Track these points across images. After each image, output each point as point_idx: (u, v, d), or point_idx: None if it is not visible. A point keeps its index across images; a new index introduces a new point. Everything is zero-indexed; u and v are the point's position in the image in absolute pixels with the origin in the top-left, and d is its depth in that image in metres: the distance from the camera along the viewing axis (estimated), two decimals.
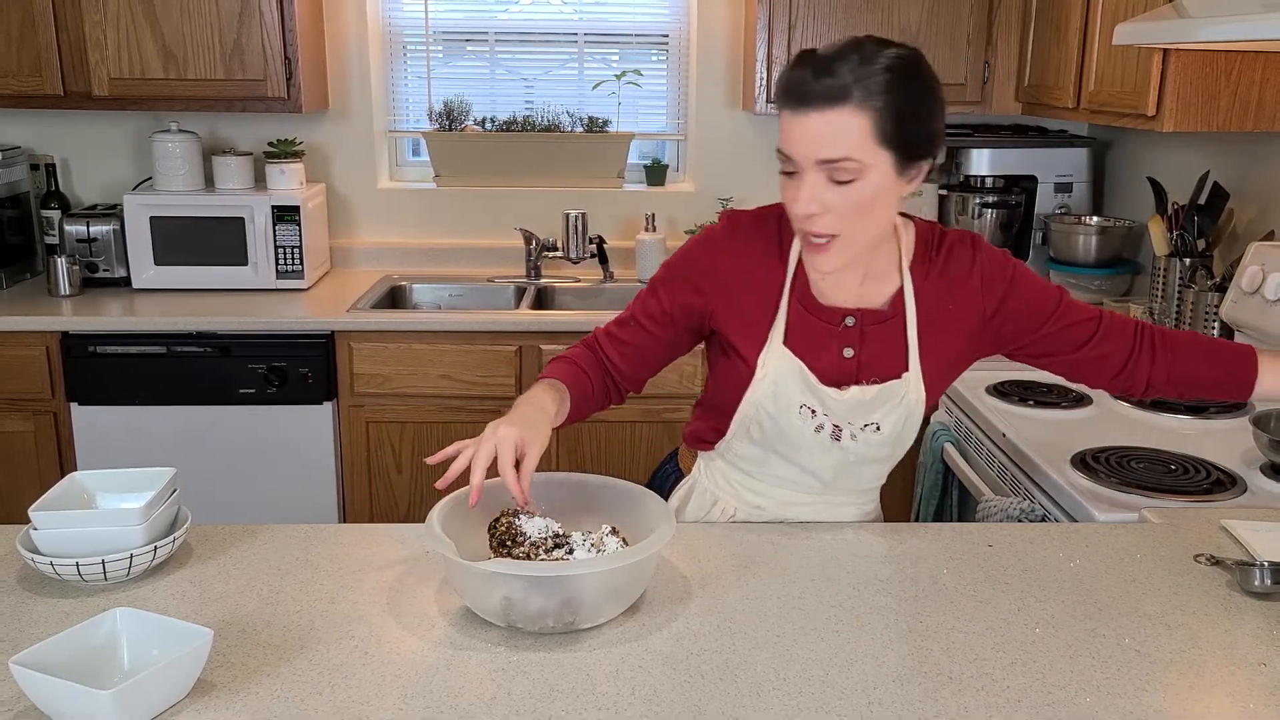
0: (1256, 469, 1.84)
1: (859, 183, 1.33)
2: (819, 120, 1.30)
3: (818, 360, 1.49)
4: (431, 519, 1.31)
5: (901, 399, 1.50)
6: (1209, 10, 1.91)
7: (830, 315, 1.50)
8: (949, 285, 1.51)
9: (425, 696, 1.12)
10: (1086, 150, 3.29)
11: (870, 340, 1.50)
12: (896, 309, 1.50)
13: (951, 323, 1.52)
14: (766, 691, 1.13)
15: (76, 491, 1.44)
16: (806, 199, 1.34)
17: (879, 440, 1.53)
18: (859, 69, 1.30)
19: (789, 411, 1.50)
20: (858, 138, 1.31)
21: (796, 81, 1.32)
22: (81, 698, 1.02)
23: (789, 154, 1.34)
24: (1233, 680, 1.17)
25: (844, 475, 1.58)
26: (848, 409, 1.50)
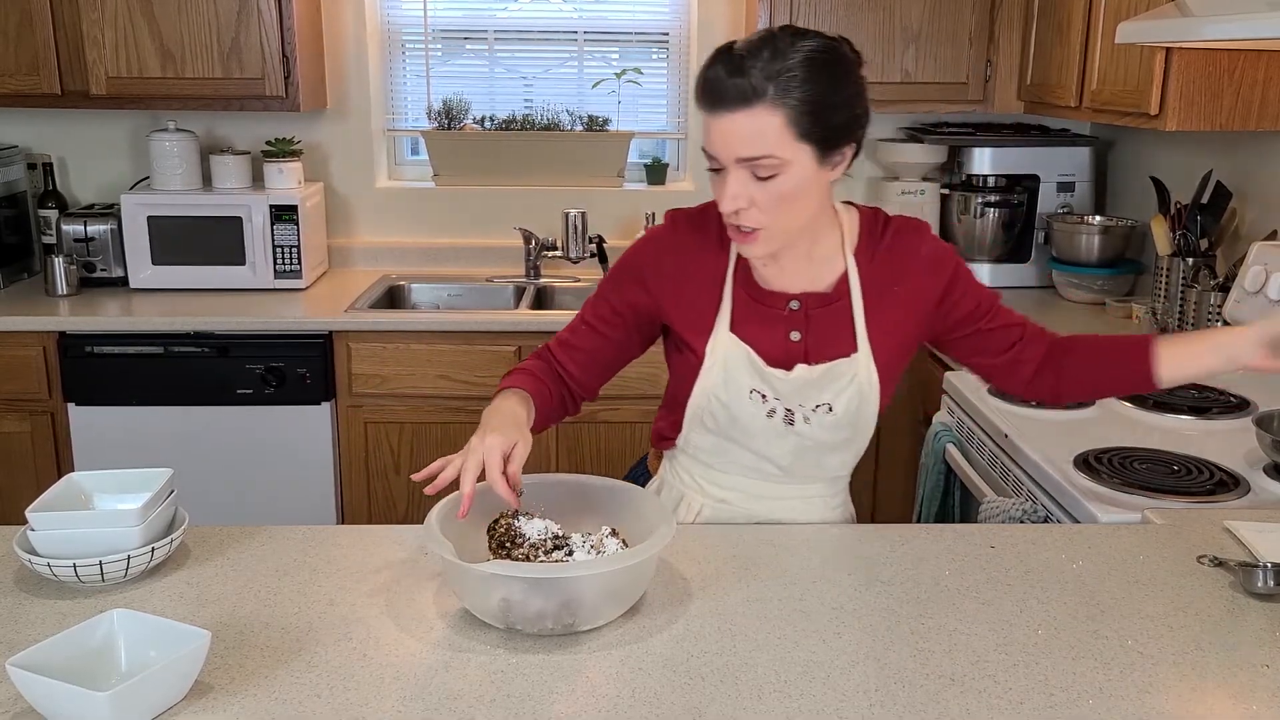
0: (1259, 470, 1.84)
1: (780, 177, 1.36)
2: (735, 120, 1.34)
3: (765, 345, 1.52)
4: (430, 520, 1.30)
5: (852, 378, 1.52)
6: (1212, 9, 1.90)
7: (774, 300, 1.53)
8: (895, 269, 1.54)
9: (424, 698, 1.11)
10: (1089, 149, 3.29)
11: (816, 323, 1.53)
12: (841, 292, 1.53)
13: (899, 305, 1.54)
14: (767, 693, 1.13)
15: (73, 492, 1.44)
16: (731, 195, 1.38)
17: (833, 422, 1.54)
18: (770, 65, 1.32)
19: (740, 397, 1.52)
20: (774, 135, 1.33)
21: (711, 82, 1.35)
22: (78, 699, 1.02)
23: (709, 152, 1.39)
24: (1236, 682, 1.17)
25: (803, 462, 1.58)
26: (796, 390, 1.52)
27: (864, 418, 1.55)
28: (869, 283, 1.53)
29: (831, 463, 1.61)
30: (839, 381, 1.52)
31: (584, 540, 1.33)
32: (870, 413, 1.55)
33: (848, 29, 3.12)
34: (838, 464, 1.62)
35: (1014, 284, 3.33)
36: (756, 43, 1.34)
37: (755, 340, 1.52)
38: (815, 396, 1.52)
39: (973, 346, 1.60)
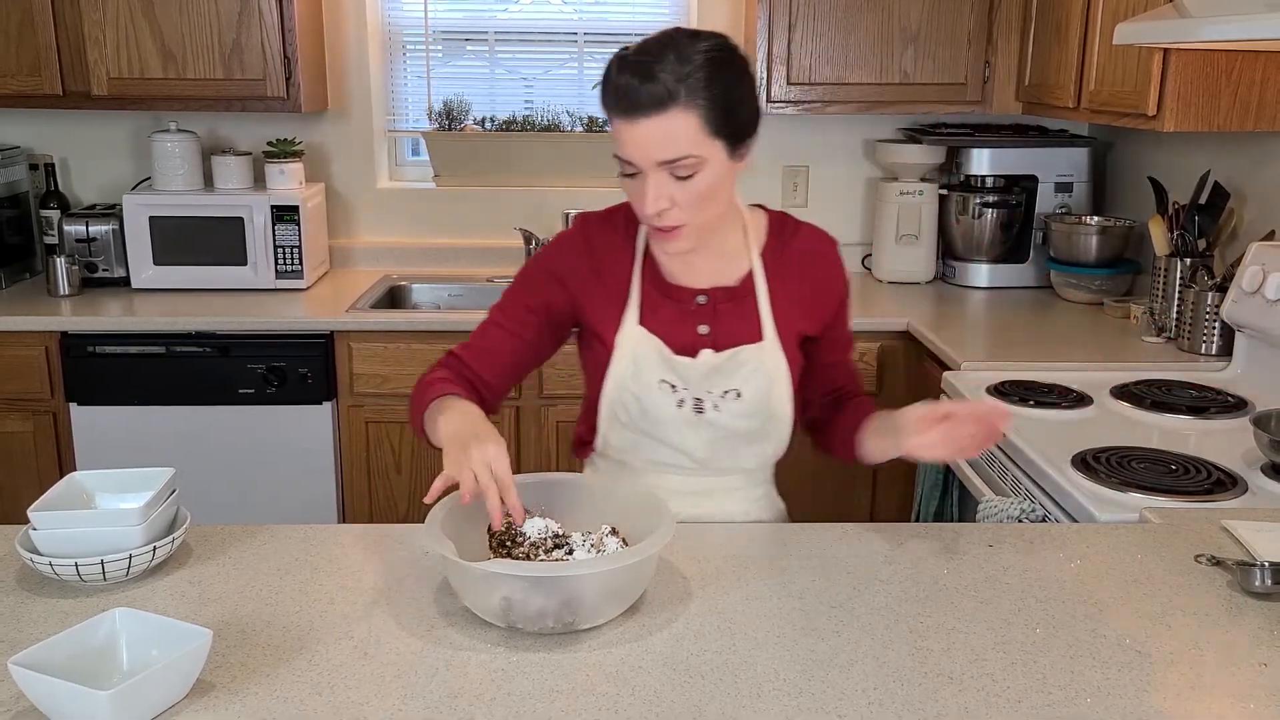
0: (1257, 469, 1.84)
1: (699, 175, 1.41)
2: (652, 125, 1.37)
3: (673, 337, 1.56)
4: (431, 519, 1.30)
5: (760, 364, 1.55)
6: (1210, 10, 1.91)
7: (682, 295, 1.57)
8: (803, 272, 1.60)
9: (425, 697, 1.12)
10: (1087, 150, 3.29)
11: (723, 316, 1.57)
12: (748, 288, 1.58)
13: (802, 304, 1.59)
14: (767, 692, 1.13)
15: (75, 492, 1.44)
16: (654, 198, 1.41)
17: (742, 409, 1.56)
18: (679, 69, 1.36)
19: (650, 388, 1.56)
20: (691, 135, 1.38)
21: (625, 91, 1.37)
22: (80, 698, 1.02)
23: (626, 158, 1.41)
24: (1233, 681, 1.17)
25: (718, 453, 1.60)
26: (703, 376, 1.55)
27: (774, 404, 1.57)
28: (775, 280, 1.58)
29: (748, 455, 1.63)
30: (746, 367, 1.55)
31: (584, 539, 1.33)
32: (781, 399, 1.58)
33: (847, 29, 3.13)
34: (754, 457, 1.64)
35: (1012, 284, 3.34)
36: (657, 47, 1.39)
37: (663, 332, 1.56)
38: (723, 383, 1.55)
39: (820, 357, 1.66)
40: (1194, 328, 2.56)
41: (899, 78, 3.17)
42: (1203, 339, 2.54)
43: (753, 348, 1.55)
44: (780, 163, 3.56)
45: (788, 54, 3.15)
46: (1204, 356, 2.53)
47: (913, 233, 3.36)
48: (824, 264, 1.62)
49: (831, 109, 3.21)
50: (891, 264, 3.41)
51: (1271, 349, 2.30)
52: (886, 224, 3.39)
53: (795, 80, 3.17)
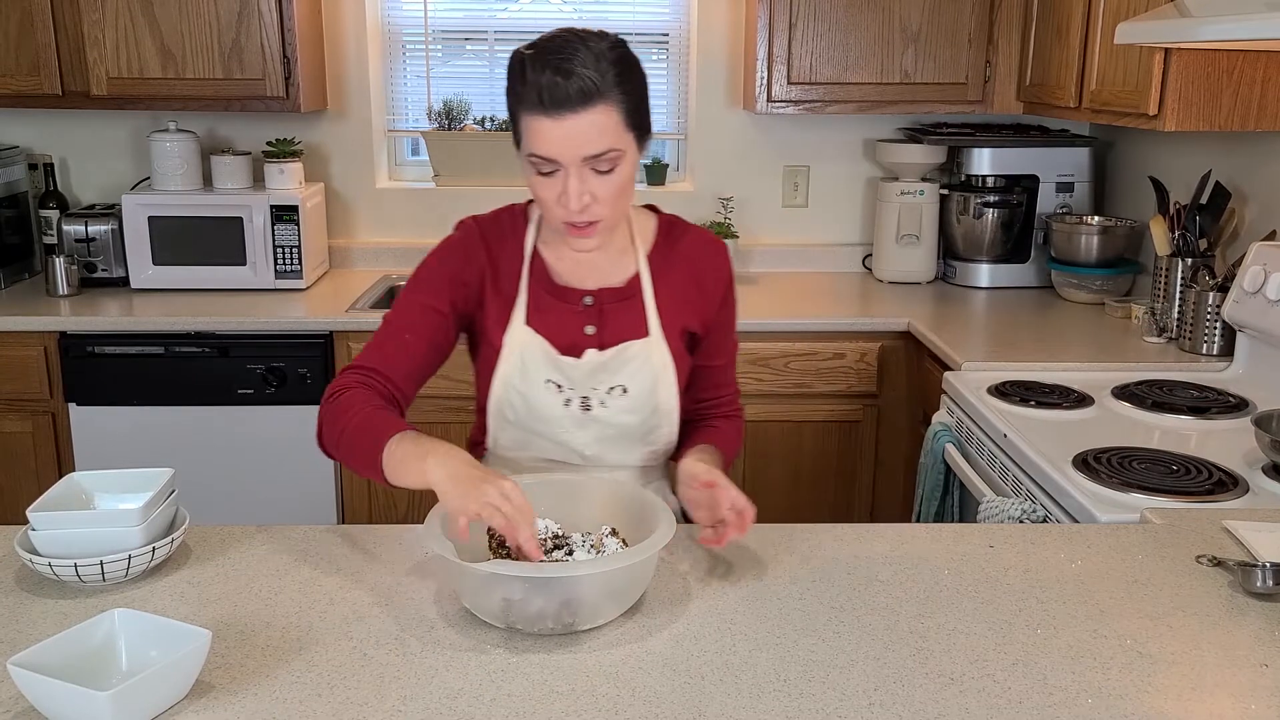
0: (1258, 469, 1.84)
1: (618, 168, 1.44)
2: (579, 121, 1.39)
3: (559, 337, 1.58)
4: (431, 520, 1.30)
5: (646, 360, 1.57)
6: (1211, 10, 1.91)
7: (569, 296, 1.59)
8: (688, 270, 1.62)
9: (424, 698, 1.11)
10: (1088, 150, 3.29)
11: (610, 317, 1.59)
12: (634, 287, 1.60)
13: (688, 302, 1.62)
14: (767, 693, 1.13)
15: (74, 492, 1.44)
16: (577, 193, 1.43)
17: (628, 405, 1.58)
18: (597, 65, 1.40)
19: (536, 387, 1.57)
20: (613, 129, 1.42)
21: (549, 88, 1.38)
22: (80, 699, 1.02)
23: (549, 156, 1.42)
24: (1235, 681, 1.17)
25: (605, 450, 1.62)
26: (587, 375, 1.57)
27: (661, 399, 1.59)
28: (661, 279, 1.61)
29: (636, 453, 1.64)
30: (632, 364, 1.57)
31: (584, 540, 1.33)
32: (667, 394, 1.59)
33: (848, 29, 3.13)
34: (643, 454, 1.65)
35: (1013, 284, 3.34)
36: (566, 46, 1.41)
37: (550, 333, 1.58)
38: (608, 380, 1.57)
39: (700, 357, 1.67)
40: (1195, 328, 2.55)
41: (900, 77, 3.17)
42: (1204, 339, 2.54)
43: (639, 343, 1.58)
44: (781, 163, 3.56)
45: (788, 54, 3.15)
46: (1205, 357, 2.53)
47: (913, 233, 3.36)
48: (709, 265, 1.64)
49: (832, 109, 3.21)
50: (892, 264, 3.41)
51: (1273, 349, 2.29)
52: (887, 224, 3.39)
53: (795, 80, 3.17)
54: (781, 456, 3.02)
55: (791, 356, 2.96)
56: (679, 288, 1.62)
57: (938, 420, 2.38)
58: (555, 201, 1.45)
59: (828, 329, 2.96)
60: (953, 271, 3.43)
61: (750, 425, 3.00)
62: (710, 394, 1.70)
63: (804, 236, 3.62)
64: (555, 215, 1.48)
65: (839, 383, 2.98)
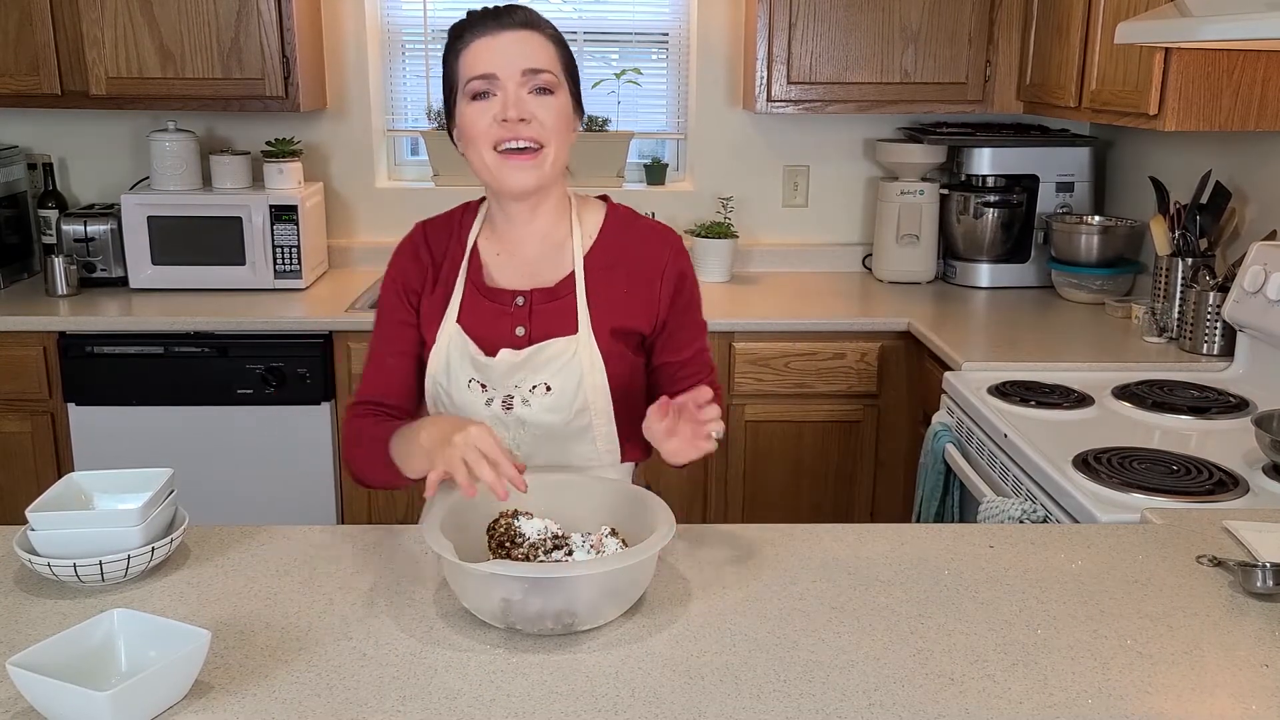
0: (1259, 469, 1.84)
1: (557, 95, 1.49)
2: (519, 37, 1.46)
3: (489, 338, 1.56)
4: (430, 520, 1.30)
5: (572, 356, 1.54)
6: (1211, 9, 1.91)
7: (501, 297, 1.58)
8: (630, 266, 1.59)
9: (424, 698, 1.11)
10: (1088, 149, 3.29)
11: (540, 316, 1.57)
12: (568, 286, 1.58)
13: (627, 299, 1.58)
14: (767, 693, 1.13)
15: (74, 492, 1.44)
16: (515, 103, 1.45)
17: (552, 403, 1.54)
18: (536, 18, 1.50)
19: (461, 387, 1.57)
20: (550, 57, 1.49)
21: (491, 15, 1.47)
22: (79, 699, 1.02)
23: (487, 72, 1.45)
24: (1235, 682, 1.17)
25: (536, 451, 1.58)
26: (505, 374, 1.55)
27: (588, 396, 1.55)
28: (597, 276, 1.58)
29: (573, 454, 1.60)
30: (555, 361, 1.54)
31: (584, 540, 1.33)
32: (595, 390, 1.55)
33: (848, 29, 3.13)
34: (581, 455, 1.60)
35: (1013, 284, 3.34)
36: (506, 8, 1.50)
37: (480, 333, 1.56)
38: (530, 378, 1.54)
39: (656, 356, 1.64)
40: (1195, 328, 2.55)
41: (899, 77, 3.17)
42: (1204, 339, 2.54)
43: (563, 340, 1.54)
44: (780, 163, 3.56)
45: (788, 53, 3.15)
46: (1205, 357, 2.53)
47: (913, 232, 3.36)
48: (654, 260, 1.59)
49: (832, 108, 3.21)
50: (892, 264, 3.41)
51: (1273, 349, 2.29)
52: (887, 224, 3.39)
53: (795, 80, 3.17)
54: (781, 456, 3.02)
55: (791, 356, 2.96)
56: (618, 286, 1.58)
57: (938, 420, 2.38)
58: (494, 123, 1.46)
59: (828, 329, 2.96)
60: (953, 271, 3.42)
61: (750, 425, 3.00)
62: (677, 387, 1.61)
63: (804, 236, 3.62)
64: (492, 139, 1.47)
65: (839, 383, 2.98)
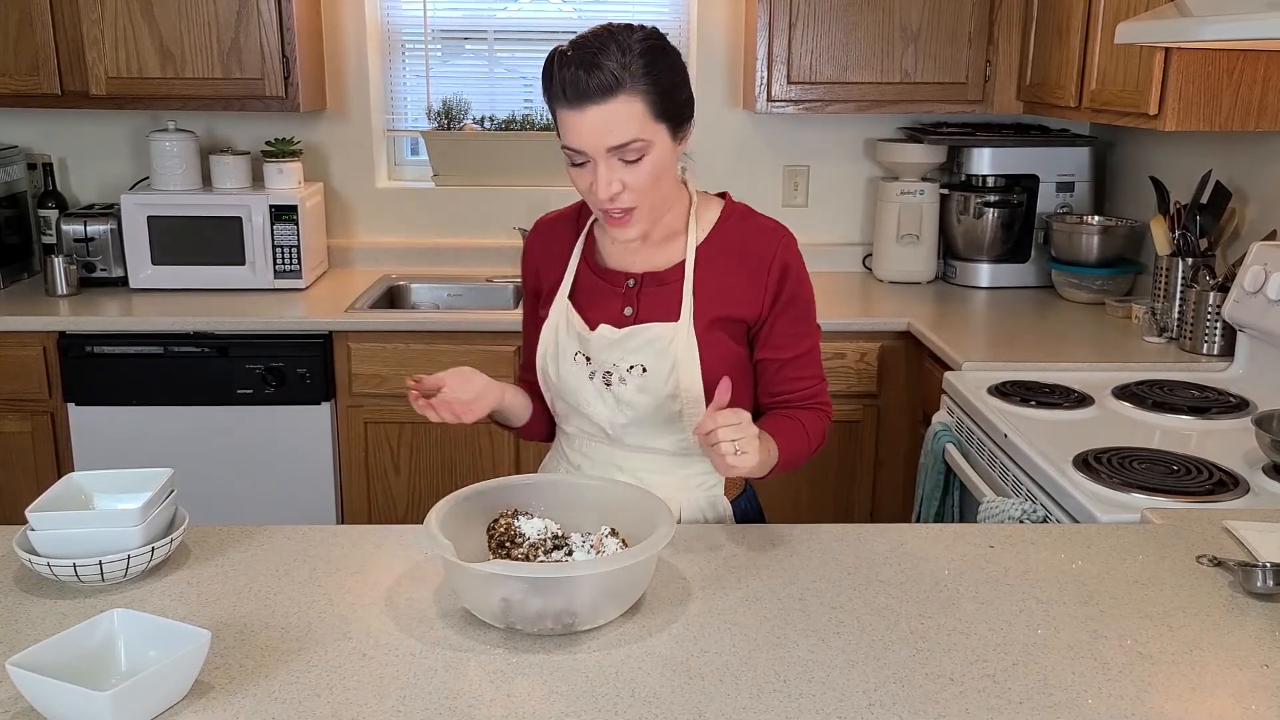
0: (1259, 470, 1.84)
1: (647, 158, 1.47)
2: (601, 113, 1.43)
3: (598, 317, 1.62)
4: (430, 520, 1.30)
5: (668, 343, 1.58)
6: (1211, 9, 1.91)
7: (613, 277, 1.64)
8: (741, 259, 1.62)
9: (424, 698, 1.11)
10: (1088, 149, 3.29)
11: (647, 300, 1.62)
12: (677, 274, 1.62)
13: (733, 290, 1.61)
14: (767, 693, 1.13)
15: (73, 492, 1.44)
16: (605, 183, 1.47)
17: (644, 385, 1.59)
18: (621, 58, 1.43)
19: (566, 359, 1.63)
20: (637, 119, 1.45)
21: (571, 82, 1.43)
22: (79, 699, 1.02)
23: (578, 148, 1.46)
24: (1235, 682, 1.17)
25: (630, 428, 1.62)
26: (604, 349, 1.60)
27: (683, 383, 1.58)
28: (706, 269, 1.61)
29: (664, 437, 1.62)
30: (653, 345, 1.58)
31: (584, 540, 1.33)
32: (689, 379, 1.58)
33: (848, 28, 3.13)
34: (671, 439, 1.63)
35: (1013, 284, 3.33)
36: (596, 40, 1.46)
37: (589, 310, 1.63)
38: (628, 358, 1.59)
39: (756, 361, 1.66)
40: (1195, 328, 2.55)
41: (899, 77, 3.17)
42: (1204, 339, 2.54)
43: (661, 325, 1.59)
44: (781, 162, 3.56)
45: (788, 53, 3.14)
46: (1205, 357, 2.53)
47: (914, 232, 3.36)
48: (764, 252, 1.61)
49: (832, 108, 3.21)
50: (892, 264, 3.41)
51: (1273, 349, 2.29)
52: (887, 224, 3.39)
53: (795, 79, 3.17)
54: None
55: None
56: (726, 275, 1.60)
57: (938, 420, 2.38)
58: (588, 191, 1.50)
59: (828, 329, 2.93)
60: (953, 271, 3.42)
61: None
62: (781, 388, 1.66)
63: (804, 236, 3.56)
64: (592, 204, 1.53)
65: (839, 383, 2.97)
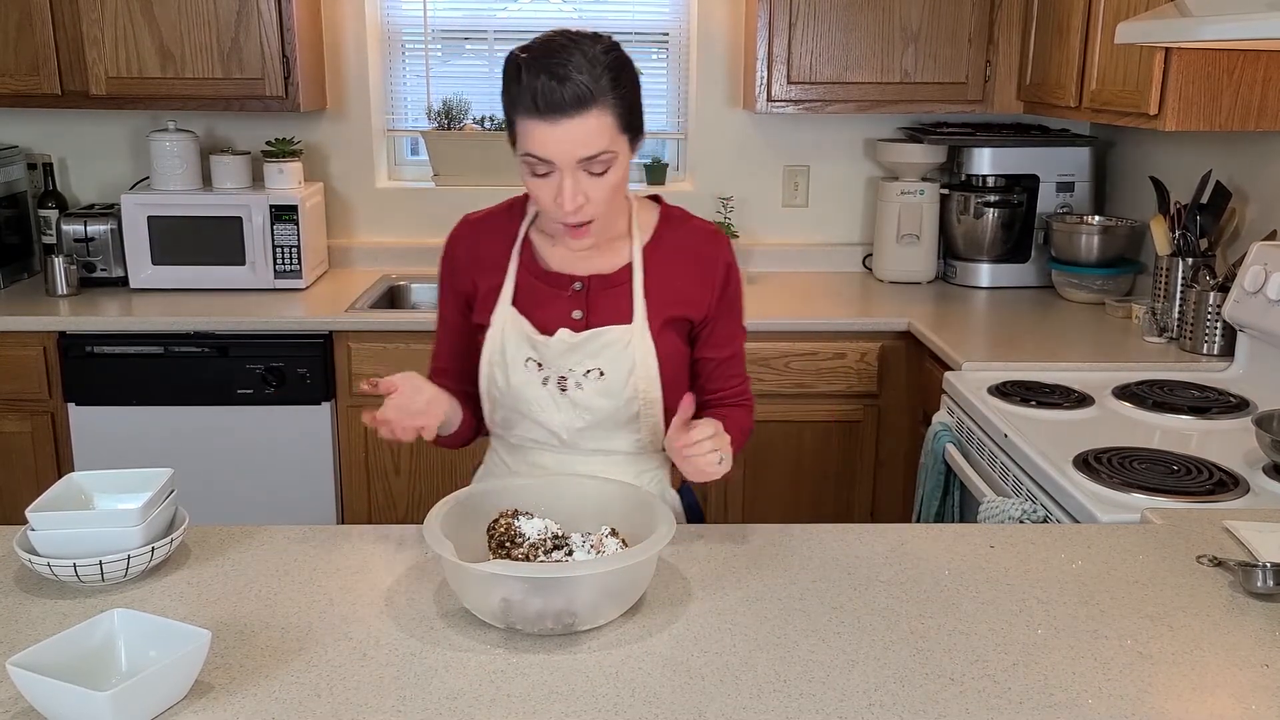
0: (1259, 469, 1.84)
1: (612, 170, 1.48)
2: (574, 125, 1.42)
3: (546, 321, 1.61)
4: (430, 520, 1.30)
5: (625, 345, 1.58)
6: (1211, 9, 1.91)
7: (558, 281, 1.62)
8: (684, 260, 1.63)
9: (424, 698, 1.11)
10: (1088, 149, 3.29)
11: (598, 302, 1.61)
12: (625, 275, 1.62)
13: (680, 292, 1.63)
14: (767, 693, 1.13)
15: (74, 492, 1.44)
16: (572, 195, 1.46)
17: (604, 388, 1.59)
18: (591, 69, 1.43)
19: (517, 366, 1.61)
20: (607, 132, 1.45)
21: (544, 93, 1.41)
22: (79, 699, 1.02)
23: (544, 158, 1.45)
24: (1235, 682, 1.17)
25: (585, 433, 1.63)
26: (561, 354, 1.59)
27: (640, 385, 1.59)
28: (654, 269, 1.62)
29: (620, 439, 1.64)
30: (610, 348, 1.58)
31: (584, 540, 1.33)
32: (646, 380, 1.59)
33: (848, 29, 3.13)
34: (627, 441, 1.65)
35: (1013, 284, 3.33)
36: (562, 51, 1.43)
37: (536, 315, 1.61)
38: (585, 362, 1.59)
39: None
40: (1195, 328, 2.55)
41: (899, 77, 3.17)
42: (1204, 339, 2.54)
43: (618, 328, 1.59)
44: (781, 163, 3.56)
45: (788, 53, 3.14)
46: (1205, 357, 2.53)
47: (914, 232, 3.36)
48: (707, 254, 1.64)
49: (832, 108, 3.21)
50: (892, 264, 3.41)
51: (1273, 349, 2.29)
52: (887, 224, 3.39)
53: (795, 80, 3.17)
54: (781, 456, 3.02)
55: (792, 356, 2.96)
56: (673, 277, 1.62)
57: (938, 420, 2.38)
58: (551, 202, 1.48)
59: (828, 329, 2.96)
60: (953, 271, 3.42)
61: None
62: (714, 385, 1.70)
63: (804, 236, 3.62)
64: (551, 215, 1.51)
65: (839, 383, 2.98)
